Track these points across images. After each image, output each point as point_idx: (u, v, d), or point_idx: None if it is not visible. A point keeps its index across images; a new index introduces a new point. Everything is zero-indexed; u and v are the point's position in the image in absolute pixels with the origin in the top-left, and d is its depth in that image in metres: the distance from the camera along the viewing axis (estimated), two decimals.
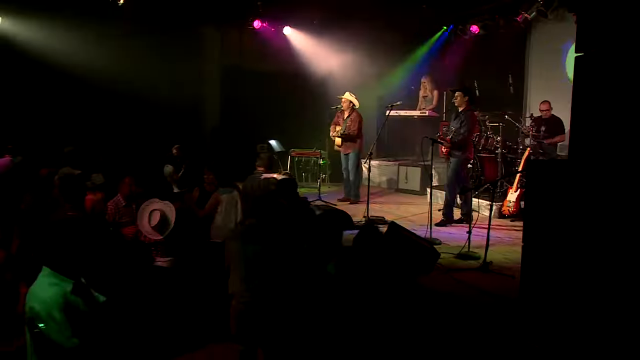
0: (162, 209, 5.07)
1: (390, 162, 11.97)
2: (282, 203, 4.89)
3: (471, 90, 8.46)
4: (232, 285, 4.27)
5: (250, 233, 4.29)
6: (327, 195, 10.49)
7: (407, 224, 8.40)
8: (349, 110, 9.96)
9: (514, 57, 11.40)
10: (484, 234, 7.65)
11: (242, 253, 4.19)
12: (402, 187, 11.33)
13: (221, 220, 6.08)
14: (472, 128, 8.29)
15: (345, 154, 10.05)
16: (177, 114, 11.70)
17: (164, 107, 11.48)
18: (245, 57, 12.89)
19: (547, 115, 9.76)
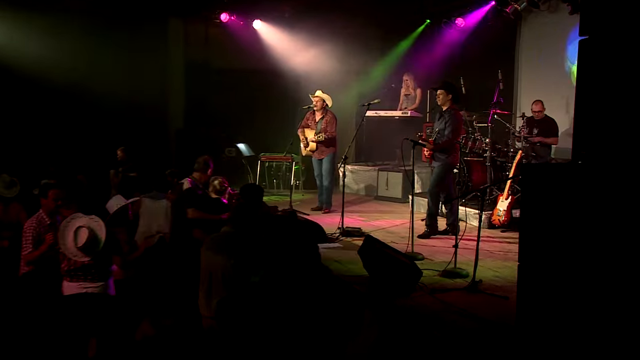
0: (88, 225, 4.38)
1: (369, 167, 11.57)
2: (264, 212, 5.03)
3: (455, 87, 7.98)
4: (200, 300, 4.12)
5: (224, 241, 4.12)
6: (300, 204, 10.07)
7: (386, 236, 7.95)
8: (322, 110, 9.47)
9: (503, 51, 11.01)
10: (472, 247, 7.12)
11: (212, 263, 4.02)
12: (382, 195, 10.88)
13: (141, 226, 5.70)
14: (457, 128, 7.78)
15: (319, 159, 9.57)
16: (138, 116, 11.30)
17: (123, 108, 11.05)
18: (212, 53, 12.64)
19: (540, 117, 9.31)
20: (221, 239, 4.39)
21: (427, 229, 8.01)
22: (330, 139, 9.34)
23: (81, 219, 4.45)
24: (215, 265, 4.14)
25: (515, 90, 10.99)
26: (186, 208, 6.12)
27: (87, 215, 4.50)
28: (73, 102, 10.58)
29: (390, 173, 10.87)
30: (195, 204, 6.18)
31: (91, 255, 4.41)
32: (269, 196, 10.87)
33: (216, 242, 4.38)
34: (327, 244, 7.57)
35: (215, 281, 4.12)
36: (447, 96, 7.73)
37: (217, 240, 4.41)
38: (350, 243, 7.67)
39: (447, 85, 7.88)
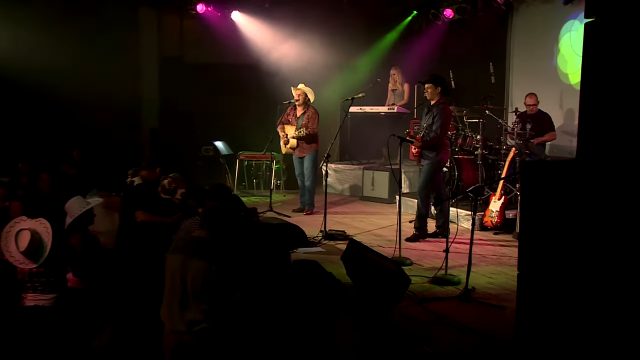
0: (33, 228, 3.99)
1: (354, 165, 11.31)
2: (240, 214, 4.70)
3: (443, 80, 7.70)
4: (165, 311, 3.80)
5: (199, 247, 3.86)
6: (280, 206, 9.78)
7: (372, 240, 7.68)
8: (304, 105, 9.17)
9: (494, 43, 10.74)
10: (464, 250, 6.91)
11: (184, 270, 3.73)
12: (368, 195, 10.62)
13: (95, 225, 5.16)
14: (445, 124, 7.52)
15: (300, 157, 9.27)
16: (108, 114, 10.85)
17: (91, 106, 10.56)
18: (187, 46, 12.34)
19: (533, 111, 9.02)
20: (195, 242, 4.03)
21: (415, 232, 7.71)
22: (311, 136, 9.04)
23: (25, 222, 4.06)
24: (191, 271, 3.77)
25: (507, 84, 10.74)
26: (134, 210, 5.70)
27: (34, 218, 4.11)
28: (35, 98, 10.12)
29: (376, 172, 10.62)
30: (143, 206, 5.75)
31: (37, 261, 4.02)
32: (248, 197, 10.62)
33: (190, 245, 4.02)
34: (309, 248, 7.26)
35: (192, 289, 3.76)
36: (436, 89, 7.45)
37: (191, 243, 4.05)
38: (334, 247, 7.38)
39: (435, 77, 7.59)
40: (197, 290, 3.72)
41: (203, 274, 3.72)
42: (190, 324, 3.70)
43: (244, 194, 10.94)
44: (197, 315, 3.70)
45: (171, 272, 3.84)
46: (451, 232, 7.55)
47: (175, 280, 3.79)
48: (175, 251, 3.97)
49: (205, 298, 3.72)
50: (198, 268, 3.73)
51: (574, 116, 9.53)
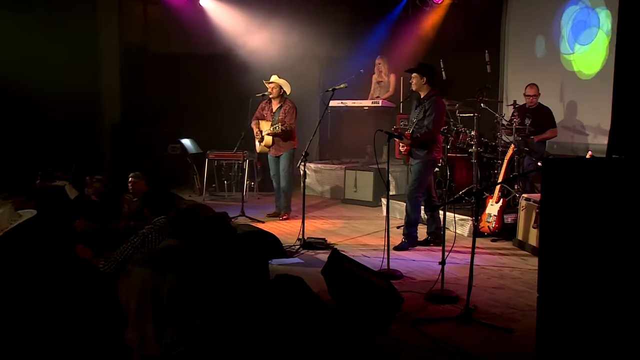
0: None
1: (335, 165, 10.92)
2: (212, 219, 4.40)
3: (431, 68, 7.17)
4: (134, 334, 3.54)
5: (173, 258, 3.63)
6: (254, 210, 9.24)
7: (356, 249, 7.15)
8: (279, 99, 8.69)
9: (488, 29, 10.42)
10: (461, 261, 6.41)
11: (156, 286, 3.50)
12: (350, 197, 10.22)
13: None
14: (439, 117, 6.99)
15: (275, 156, 8.80)
16: (64, 109, 10.35)
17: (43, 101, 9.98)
18: (152, 35, 11.94)
19: (533, 103, 8.60)
20: (167, 253, 3.79)
21: (404, 239, 7.18)
22: (288, 133, 8.57)
23: None
24: (165, 287, 3.52)
25: (502, 74, 10.39)
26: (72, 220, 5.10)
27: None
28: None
29: (359, 172, 10.20)
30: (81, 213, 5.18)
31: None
32: (218, 200, 10.20)
33: (160, 257, 3.76)
34: (284, 259, 6.70)
35: (169, 308, 3.52)
36: (421, 80, 6.99)
37: (161, 255, 3.80)
38: (313, 258, 6.83)
39: (421, 66, 7.10)
40: (175, 309, 3.50)
41: (180, 290, 3.52)
42: (168, 348, 3.46)
43: (214, 196, 10.57)
44: (175, 337, 3.48)
45: (138, 289, 3.57)
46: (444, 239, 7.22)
47: (146, 298, 3.53)
48: (142, 264, 3.66)
49: (184, 317, 3.52)
50: (173, 283, 3.52)
51: (576, 109, 9.27)
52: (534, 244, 6.79)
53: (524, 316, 4.93)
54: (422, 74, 6.98)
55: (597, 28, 8.99)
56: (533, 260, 6.57)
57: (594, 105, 8.87)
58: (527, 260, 6.65)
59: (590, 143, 8.98)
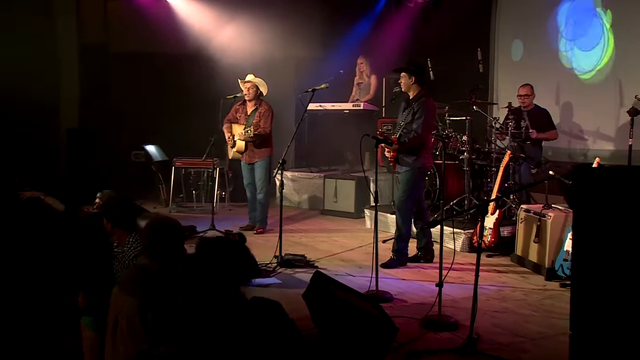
0: None
1: (313, 173, 10.58)
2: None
3: (420, 67, 6.83)
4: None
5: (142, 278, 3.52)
6: (225, 222, 8.89)
7: (339, 266, 6.77)
8: (255, 100, 8.31)
9: (477, 26, 10.14)
10: (456, 280, 6.13)
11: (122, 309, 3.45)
12: (330, 208, 9.87)
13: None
14: (429, 121, 6.63)
15: (249, 163, 8.41)
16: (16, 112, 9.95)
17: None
18: (113, 32, 11.61)
19: (526, 104, 8.26)
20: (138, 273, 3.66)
21: (393, 256, 6.76)
22: (263, 138, 8.20)
23: None
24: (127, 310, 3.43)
25: (491, 75, 10.06)
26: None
27: None
28: None
29: (339, 181, 9.84)
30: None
31: None
32: (185, 212, 9.86)
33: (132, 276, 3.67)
34: (260, 279, 6.19)
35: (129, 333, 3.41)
36: (410, 79, 6.64)
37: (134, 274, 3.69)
38: (292, 277, 6.38)
39: (410, 65, 6.74)
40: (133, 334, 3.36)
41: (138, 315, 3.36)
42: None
43: (181, 208, 10.22)
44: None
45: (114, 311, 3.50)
46: (435, 254, 6.90)
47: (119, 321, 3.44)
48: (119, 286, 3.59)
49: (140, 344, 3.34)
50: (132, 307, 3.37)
51: (573, 112, 8.99)
52: (534, 260, 6.42)
53: (535, 346, 4.52)
54: (410, 73, 6.63)
55: (596, 26, 8.70)
56: (535, 278, 6.23)
57: (593, 107, 8.62)
58: (528, 278, 6.25)
59: (589, 148, 8.72)
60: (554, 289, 5.86)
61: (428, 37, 10.19)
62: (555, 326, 4.87)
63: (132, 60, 11.24)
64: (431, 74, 8.76)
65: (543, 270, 6.22)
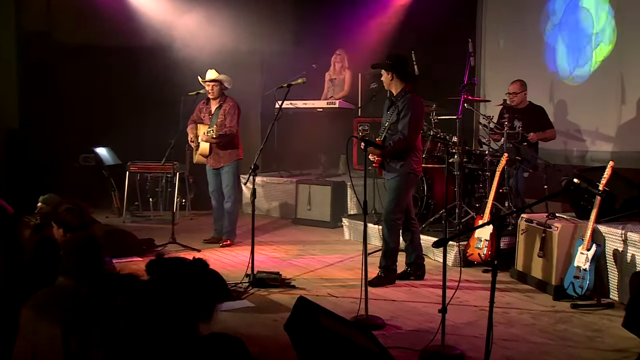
0: None
1: (284, 178, 10.30)
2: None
3: (399, 62, 6.39)
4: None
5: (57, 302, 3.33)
6: (187, 234, 8.47)
7: (319, 284, 6.43)
8: (220, 98, 7.95)
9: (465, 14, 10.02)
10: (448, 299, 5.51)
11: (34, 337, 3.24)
12: (303, 217, 9.58)
13: None
14: (416, 121, 6.20)
15: (215, 168, 8.02)
16: None
17: None
18: (58, 22, 11.12)
19: (520, 103, 7.97)
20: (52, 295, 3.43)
21: (381, 273, 6.34)
22: (229, 139, 7.81)
23: None
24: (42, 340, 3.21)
25: (478, 70, 9.86)
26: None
27: None
28: None
29: (313, 187, 9.56)
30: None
31: None
32: (141, 222, 9.57)
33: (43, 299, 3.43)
34: (229, 302, 5.73)
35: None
36: (388, 75, 6.31)
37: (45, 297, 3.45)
38: (266, 300, 5.91)
39: (389, 59, 6.37)
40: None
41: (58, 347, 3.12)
42: None
43: (137, 217, 9.91)
44: None
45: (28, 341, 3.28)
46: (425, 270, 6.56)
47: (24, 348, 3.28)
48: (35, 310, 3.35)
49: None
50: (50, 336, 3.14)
51: (569, 110, 8.79)
52: (539, 277, 6.05)
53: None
54: (387, 69, 6.28)
55: (594, 16, 8.48)
56: (541, 297, 5.85)
57: (591, 105, 8.40)
58: (534, 297, 5.86)
59: (587, 150, 8.49)
60: (564, 310, 5.46)
61: (412, 28, 10.00)
62: (575, 358, 4.48)
63: (81, 53, 10.81)
64: (415, 69, 8.36)
65: (549, 288, 5.85)
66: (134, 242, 7.45)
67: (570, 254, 5.74)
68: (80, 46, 10.84)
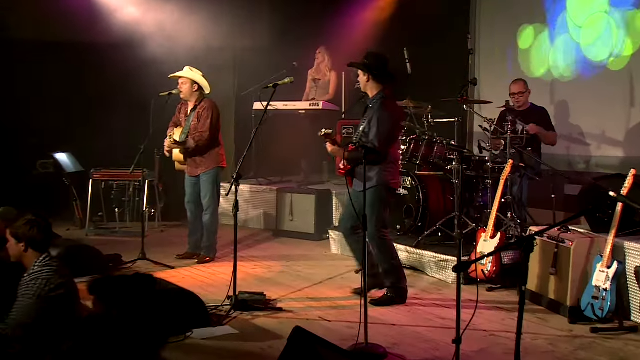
0: None
1: (264, 186, 10.11)
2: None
3: (377, 61, 6.14)
4: None
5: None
6: (157, 249, 8.17)
7: (308, 307, 6.14)
8: (196, 98, 7.71)
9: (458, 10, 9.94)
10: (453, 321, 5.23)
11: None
12: (285, 229, 9.40)
13: None
14: (387, 129, 5.94)
15: (192, 176, 7.78)
16: None
17: None
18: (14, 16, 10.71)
19: (521, 104, 7.83)
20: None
21: (390, 293, 6.12)
22: (205, 143, 7.54)
23: None
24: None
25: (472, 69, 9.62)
26: None
27: None
28: None
29: (295, 195, 9.35)
30: None
31: None
32: (106, 235, 9.36)
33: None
34: (209, 329, 5.41)
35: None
36: (364, 77, 6.10)
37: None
38: (251, 325, 5.58)
39: (366, 58, 6.13)
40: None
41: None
42: None
43: (101, 230, 9.58)
44: None
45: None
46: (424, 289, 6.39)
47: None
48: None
49: None
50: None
51: (571, 112, 8.66)
52: (551, 297, 5.76)
53: None
54: (365, 69, 6.05)
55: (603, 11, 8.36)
56: (556, 320, 5.54)
57: (596, 106, 8.29)
58: (547, 320, 5.56)
59: (592, 155, 8.36)
60: (584, 335, 5.16)
61: (405, 23, 9.90)
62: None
63: (39, 48, 10.59)
64: (408, 67, 8.30)
65: (564, 309, 5.56)
66: (99, 259, 7.11)
67: (587, 272, 5.46)
68: (37, 41, 10.62)
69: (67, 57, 10.70)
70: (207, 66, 9.20)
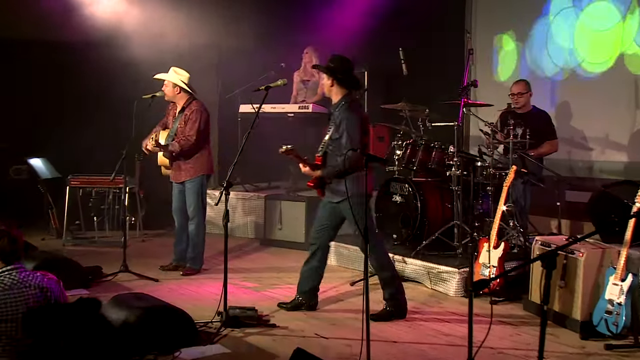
0: None
1: (250, 192, 10.04)
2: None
3: (339, 64, 6.06)
4: None
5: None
6: (139, 260, 8.01)
7: (305, 322, 6.03)
8: (184, 100, 7.59)
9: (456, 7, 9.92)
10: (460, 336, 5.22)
11: None
12: (274, 238, 9.31)
13: None
14: (355, 136, 5.84)
15: (178, 182, 7.66)
16: None
17: None
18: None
19: (524, 106, 7.77)
20: None
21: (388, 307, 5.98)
22: (190, 147, 7.42)
23: None
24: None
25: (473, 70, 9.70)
26: None
27: None
28: None
29: (284, 203, 9.28)
30: None
31: None
32: (84, 245, 9.20)
33: None
34: (198, 348, 5.22)
35: None
36: (328, 81, 6.03)
37: None
38: (243, 343, 5.40)
39: (330, 61, 6.06)
40: None
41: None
42: None
43: (78, 240, 9.40)
44: None
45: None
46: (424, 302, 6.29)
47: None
48: None
49: None
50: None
51: (573, 114, 8.62)
52: (560, 311, 5.62)
53: None
54: (327, 73, 5.98)
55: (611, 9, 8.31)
56: (566, 335, 5.39)
57: (600, 108, 8.24)
58: (557, 335, 5.40)
59: (595, 160, 8.31)
60: (597, 352, 5.01)
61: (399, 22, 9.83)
62: None
63: (14, 50, 10.61)
64: (404, 68, 8.28)
65: (574, 324, 5.42)
66: (78, 272, 6.91)
67: (598, 285, 5.32)
68: (13, 41, 10.58)
69: (42, 57, 10.69)
70: (189, 67, 8.92)
